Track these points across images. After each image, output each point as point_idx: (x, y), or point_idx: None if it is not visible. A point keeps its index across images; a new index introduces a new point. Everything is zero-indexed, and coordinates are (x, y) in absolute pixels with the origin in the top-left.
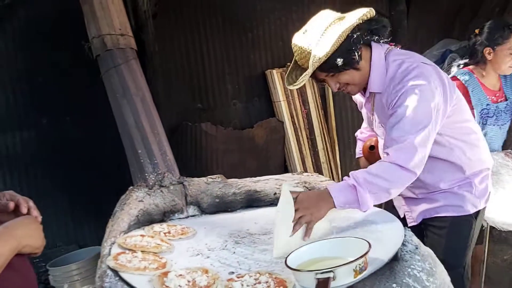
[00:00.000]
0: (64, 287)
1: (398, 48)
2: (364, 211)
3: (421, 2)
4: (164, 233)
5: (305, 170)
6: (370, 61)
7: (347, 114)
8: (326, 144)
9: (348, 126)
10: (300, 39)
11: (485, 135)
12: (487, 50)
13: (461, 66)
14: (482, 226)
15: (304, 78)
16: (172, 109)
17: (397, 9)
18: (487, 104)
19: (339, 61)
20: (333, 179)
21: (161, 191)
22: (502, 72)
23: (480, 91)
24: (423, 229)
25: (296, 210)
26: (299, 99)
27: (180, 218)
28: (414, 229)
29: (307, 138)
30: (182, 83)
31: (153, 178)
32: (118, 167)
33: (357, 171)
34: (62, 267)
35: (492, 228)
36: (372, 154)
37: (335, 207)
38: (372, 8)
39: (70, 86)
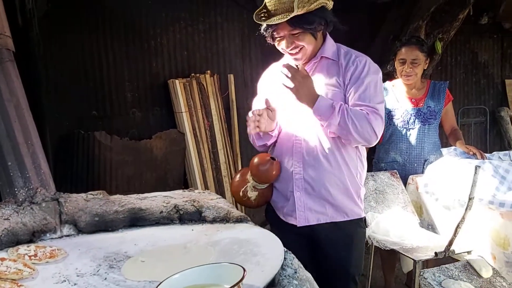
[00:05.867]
0: None
1: None
2: (327, 128)
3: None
4: (29, 256)
5: (206, 184)
6: (324, 37)
7: None
8: (228, 157)
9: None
10: None
11: (410, 135)
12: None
13: None
14: (367, 243)
15: (287, 16)
16: (64, 116)
17: None
18: (406, 109)
19: (314, 19)
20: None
21: (32, 208)
22: (403, 80)
23: (393, 96)
24: (320, 241)
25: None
26: (202, 111)
27: (52, 238)
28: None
29: (209, 151)
30: (77, 88)
31: (23, 194)
32: None
33: (345, 105)
34: None
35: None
36: (270, 166)
37: (311, 107)
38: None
39: None
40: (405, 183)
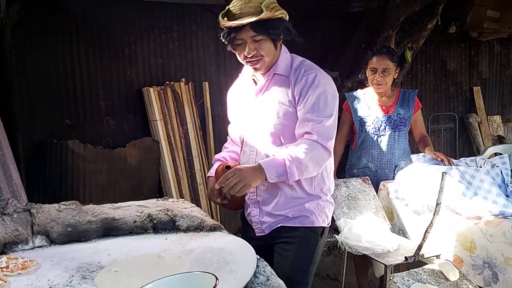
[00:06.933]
0: None
1: None
2: (291, 183)
3: (298, 32)
4: (1, 268)
5: (181, 192)
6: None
7: (226, 136)
8: (203, 165)
9: None
10: None
11: (381, 142)
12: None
13: None
14: (340, 248)
15: (252, 19)
16: (36, 124)
17: None
18: (377, 116)
19: (279, 25)
20: (210, 201)
21: (3, 219)
22: (374, 88)
23: (364, 103)
24: (273, 245)
25: (232, 176)
26: (176, 119)
27: (24, 250)
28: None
29: (184, 159)
30: (50, 96)
31: None
32: None
33: (285, 148)
34: None
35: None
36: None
37: (266, 179)
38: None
39: None
40: (377, 189)
